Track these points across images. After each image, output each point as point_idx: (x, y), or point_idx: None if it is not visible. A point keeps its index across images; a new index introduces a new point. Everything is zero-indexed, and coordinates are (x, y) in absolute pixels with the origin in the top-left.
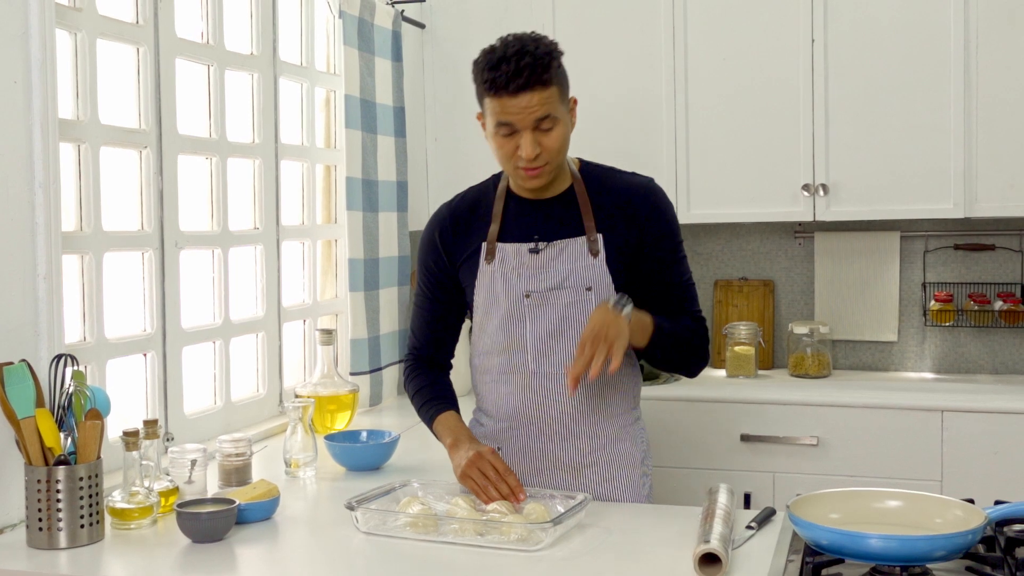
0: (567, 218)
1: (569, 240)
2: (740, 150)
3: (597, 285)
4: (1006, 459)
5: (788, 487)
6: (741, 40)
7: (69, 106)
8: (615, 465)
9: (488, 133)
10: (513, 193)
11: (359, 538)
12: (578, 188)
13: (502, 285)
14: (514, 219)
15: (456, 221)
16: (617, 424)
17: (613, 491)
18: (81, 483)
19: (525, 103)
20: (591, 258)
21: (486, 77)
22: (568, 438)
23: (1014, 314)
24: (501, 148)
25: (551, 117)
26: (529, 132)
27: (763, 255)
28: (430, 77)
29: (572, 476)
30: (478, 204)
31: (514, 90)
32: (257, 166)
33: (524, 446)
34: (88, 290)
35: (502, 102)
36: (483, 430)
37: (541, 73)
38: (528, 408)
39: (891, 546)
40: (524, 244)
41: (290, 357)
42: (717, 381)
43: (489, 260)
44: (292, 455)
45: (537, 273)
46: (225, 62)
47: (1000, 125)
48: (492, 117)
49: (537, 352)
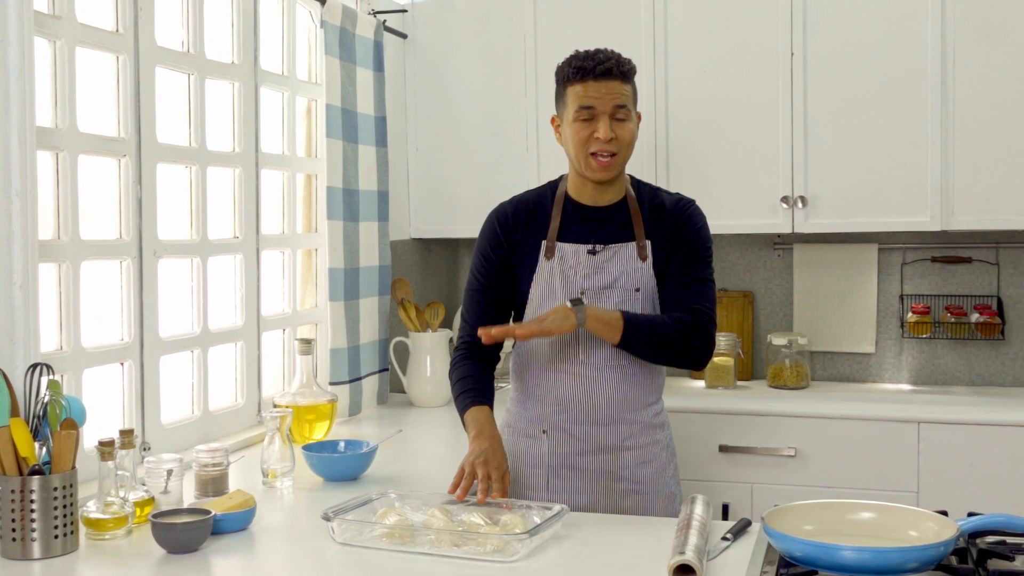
0: (620, 225)
1: (622, 245)
2: (719, 162)
3: (644, 287)
4: (981, 471)
5: (766, 498)
6: (721, 53)
7: (47, 114)
8: (647, 449)
9: (566, 123)
10: (571, 199)
11: (335, 549)
12: (631, 199)
13: (560, 281)
14: (572, 222)
15: (517, 217)
16: (651, 412)
17: (643, 472)
18: (55, 493)
19: (606, 89)
20: (640, 262)
21: (575, 65)
22: (610, 424)
23: (990, 326)
24: (578, 134)
25: (627, 108)
26: (607, 117)
27: (742, 266)
28: (412, 87)
29: (611, 458)
30: (537, 205)
31: (599, 74)
32: (237, 175)
33: (570, 430)
34: (65, 299)
35: (586, 86)
36: (528, 414)
37: (623, 67)
38: (576, 395)
39: (864, 558)
40: (583, 245)
41: (269, 367)
42: (696, 392)
43: (549, 257)
44: (269, 465)
45: (593, 273)
46: (205, 71)
47: (977, 139)
48: (574, 103)
49: (588, 344)
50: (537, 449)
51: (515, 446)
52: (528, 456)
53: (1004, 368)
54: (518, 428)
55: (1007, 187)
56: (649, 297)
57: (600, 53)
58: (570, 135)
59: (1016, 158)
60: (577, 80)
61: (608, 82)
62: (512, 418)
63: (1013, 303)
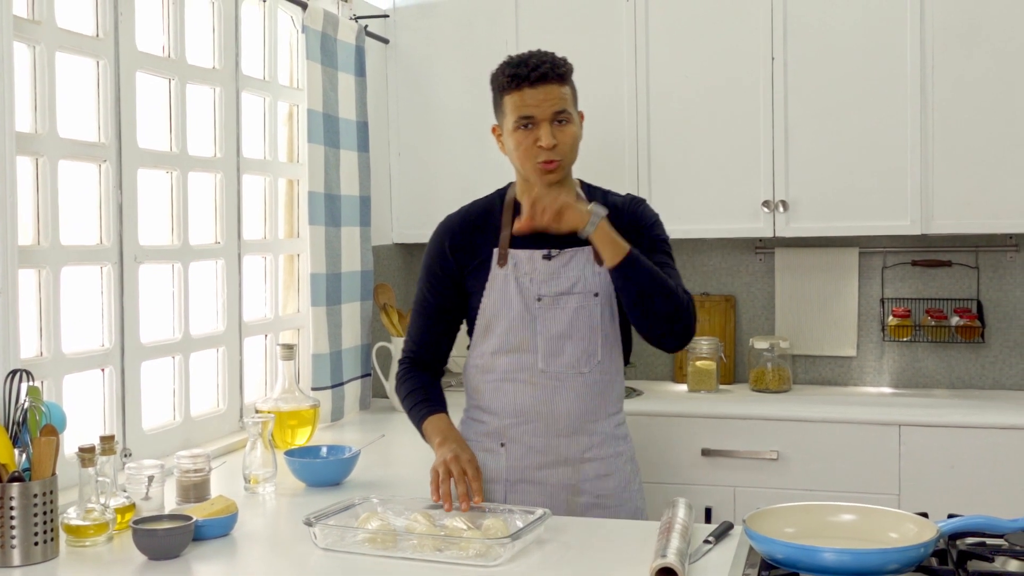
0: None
1: (578, 249)
2: (701, 167)
3: (603, 291)
4: (962, 472)
5: (749, 501)
6: (702, 58)
7: (27, 119)
8: (610, 461)
9: (507, 133)
10: (520, 205)
11: (317, 554)
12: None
13: (515, 288)
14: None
15: (466, 229)
16: (613, 422)
17: (606, 484)
18: (36, 500)
19: (544, 95)
20: (597, 266)
21: (508, 73)
22: (570, 434)
23: (970, 329)
24: (521, 144)
25: (567, 112)
26: (547, 124)
27: (724, 271)
28: (393, 92)
29: (572, 470)
30: (486, 214)
31: (535, 80)
32: (219, 180)
33: (529, 442)
34: (45, 305)
35: (523, 95)
36: (484, 427)
37: (558, 69)
38: (535, 406)
39: (845, 560)
40: (537, 251)
41: (251, 372)
42: (678, 395)
43: (502, 264)
44: (251, 471)
45: (549, 278)
46: (187, 76)
47: (956, 143)
48: (512, 113)
49: (546, 353)
50: (495, 463)
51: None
52: (485, 470)
53: (984, 371)
54: (475, 442)
55: (986, 191)
56: (608, 301)
57: (533, 57)
58: (512, 145)
59: (995, 162)
60: (513, 88)
61: (545, 87)
62: (468, 431)
63: (993, 306)
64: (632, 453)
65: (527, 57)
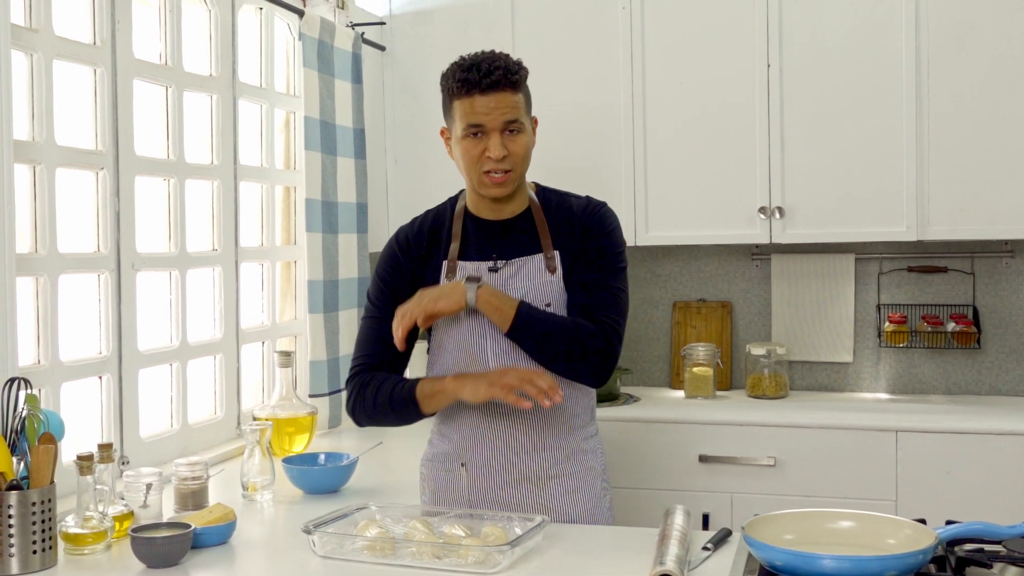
0: (525, 237)
1: (527, 258)
2: (697, 173)
3: (555, 301)
4: (959, 478)
5: (746, 507)
6: (698, 65)
7: (24, 127)
8: (577, 477)
9: (455, 140)
10: (471, 214)
11: (316, 562)
12: (535, 209)
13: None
14: (473, 238)
15: (418, 240)
16: (579, 436)
17: (575, 504)
18: (34, 508)
19: (495, 103)
20: (549, 275)
21: (459, 77)
22: (532, 451)
23: (966, 335)
24: (468, 152)
25: (519, 122)
26: (497, 134)
27: (721, 277)
28: (390, 99)
29: (536, 489)
30: (437, 225)
31: (486, 87)
32: (216, 187)
33: (489, 460)
34: (43, 312)
35: (473, 102)
36: (444, 447)
37: (511, 75)
38: (492, 422)
39: (844, 566)
40: (484, 262)
41: (248, 379)
42: (675, 402)
43: (450, 277)
44: (249, 478)
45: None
46: (184, 83)
47: (951, 149)
48: (462, 120)
49: (499, 367)
50: (456, 484)
51: (435, 480)
52: (447, 491)
53: (980, 377)
54: (436, 461)
55: (982, 197)
56: (562, 311)
57: (485, 62)
58: (460, 153)
59: (990, 168)
60: (463, 94)
61: (497, 94)
62: (432, 450)
63: (988, 312)
64: (603, 468)
65: (479, 60)
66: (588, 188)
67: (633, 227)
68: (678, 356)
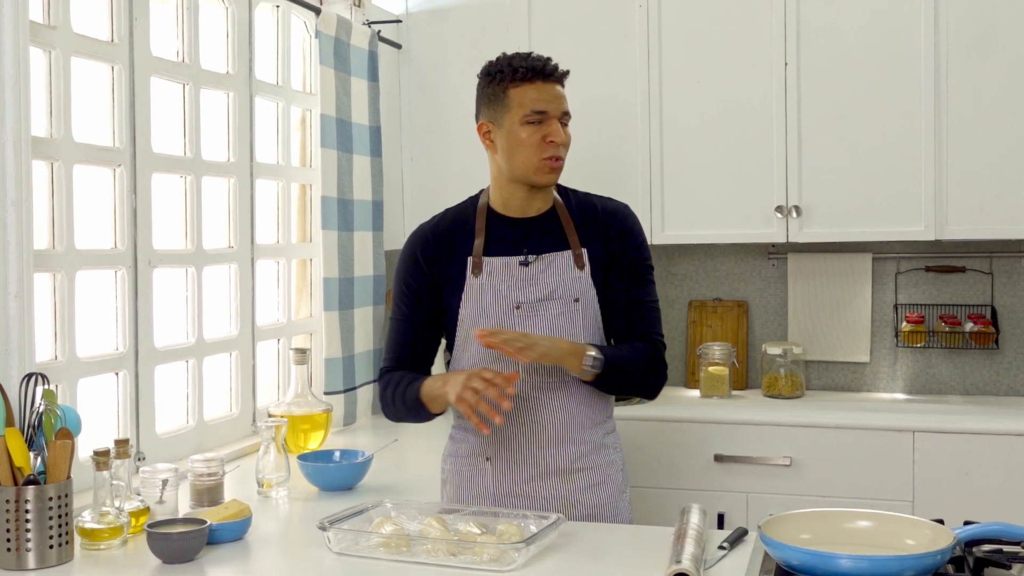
0: (552, 234)
1: (556, 254)
2: (714, 172)
3: (583, 296)
4: (976, 479)
5: (761, 507)
6: (715, 63)
7: (43, 124)
8: (601, 471)
9: (508, 128)
10: (494, 211)
11: (331, 558)
12: (559, 207)
13: (492, 297)
14: (499, 235)
15: (438, 239)
16: (601, 431)
17: (599, 497)
18: (51, 503)
19: (557, 92)
20: (577, 271)
21: (524, 65)
22: (558, 445)
23: (984, 335)
24: (531, 138)
25: (568, 114)
26: (557, 121)
27: (737, 276)
28: (406, 97)
29: (561, 482)
30: (459, 222)
31: (548, 75)
32: (232, 185)
33: (515, 455)
34: (60, 308)
35: (538, 88)
36: (468, 443)
37: (561, 71)
38: (519, 415)
39: (861, 566)
40: (513, 257)
41: (264, 376)
42: (691, 401)
43: (476, 273)
44: (265, 475)
45: (526, 285)
46: (201, 81)
47: (970, 149)
48: (523, 107)
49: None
50: (481, 479)
51: (459, 475)
52: (472, 486)
53: (998, 377)
54: (460, 456)
55: (1000, 197)
56: (590, 307)
57: (540, 57)
58: (521, 139)
59: (1009, 168)
60: (526, 81)
61: (556, 86)
62: (454, 446)
63: (1007, 312)
64: (622, 464)
65: (535, 55)
66: (605, 187)
67: (649, 226)
68: (694, 355)
